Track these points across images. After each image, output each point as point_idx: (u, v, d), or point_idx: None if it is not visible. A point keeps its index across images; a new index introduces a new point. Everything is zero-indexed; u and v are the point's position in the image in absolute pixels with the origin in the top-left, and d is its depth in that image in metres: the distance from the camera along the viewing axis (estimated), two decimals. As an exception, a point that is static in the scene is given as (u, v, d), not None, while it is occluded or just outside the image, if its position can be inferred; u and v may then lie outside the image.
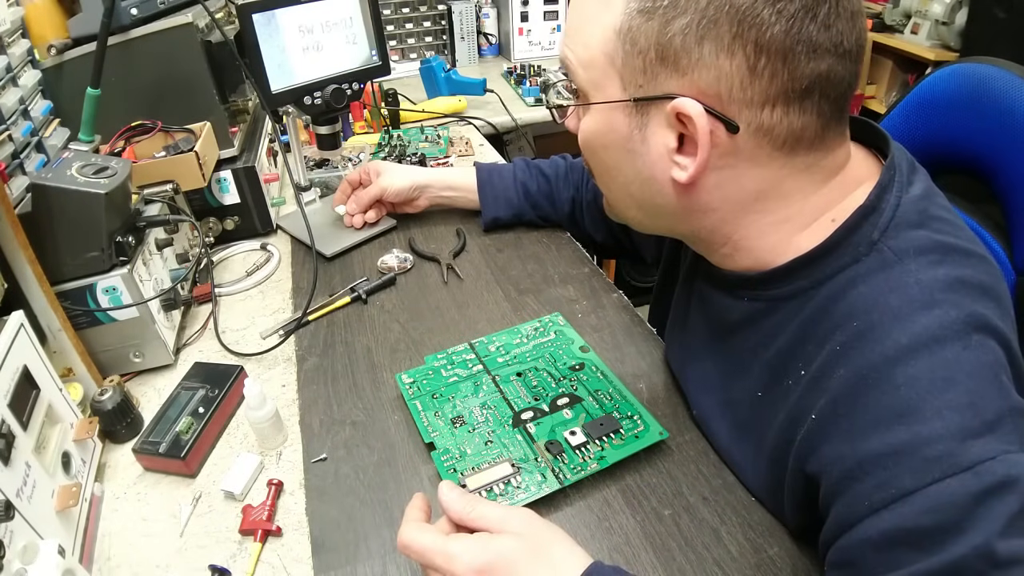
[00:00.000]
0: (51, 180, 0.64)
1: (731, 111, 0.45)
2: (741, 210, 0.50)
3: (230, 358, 0.75)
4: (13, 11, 0.77)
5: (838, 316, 0.46)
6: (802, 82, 0.44)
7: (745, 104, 0.45)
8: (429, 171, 0.99)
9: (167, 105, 0.86)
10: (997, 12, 1.65)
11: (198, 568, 0.53)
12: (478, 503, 0.48)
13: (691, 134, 0.46)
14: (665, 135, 0.48)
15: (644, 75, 0.47)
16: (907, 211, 0.48)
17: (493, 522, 0.46)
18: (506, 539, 0.45)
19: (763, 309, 0.54)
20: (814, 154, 0.48)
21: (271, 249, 0.96)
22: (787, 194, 0.49)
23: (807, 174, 0.49)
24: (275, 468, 0.62)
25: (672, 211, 0.52)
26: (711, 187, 0.49)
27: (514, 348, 0.71)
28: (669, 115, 0.47)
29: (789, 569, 0.50)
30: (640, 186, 0.52)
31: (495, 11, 2.01)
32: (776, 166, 0.48)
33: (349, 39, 0.91)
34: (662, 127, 0.48)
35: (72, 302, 0.66)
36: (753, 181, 0.49)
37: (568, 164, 0.95)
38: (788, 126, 0.45)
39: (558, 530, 0.47)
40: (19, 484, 0.48)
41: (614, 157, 0.53)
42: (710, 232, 0.53)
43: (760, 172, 0.48)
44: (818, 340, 0.47)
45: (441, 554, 0.44)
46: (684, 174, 0.48)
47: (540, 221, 0.97)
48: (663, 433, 0.59)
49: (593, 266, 0.88)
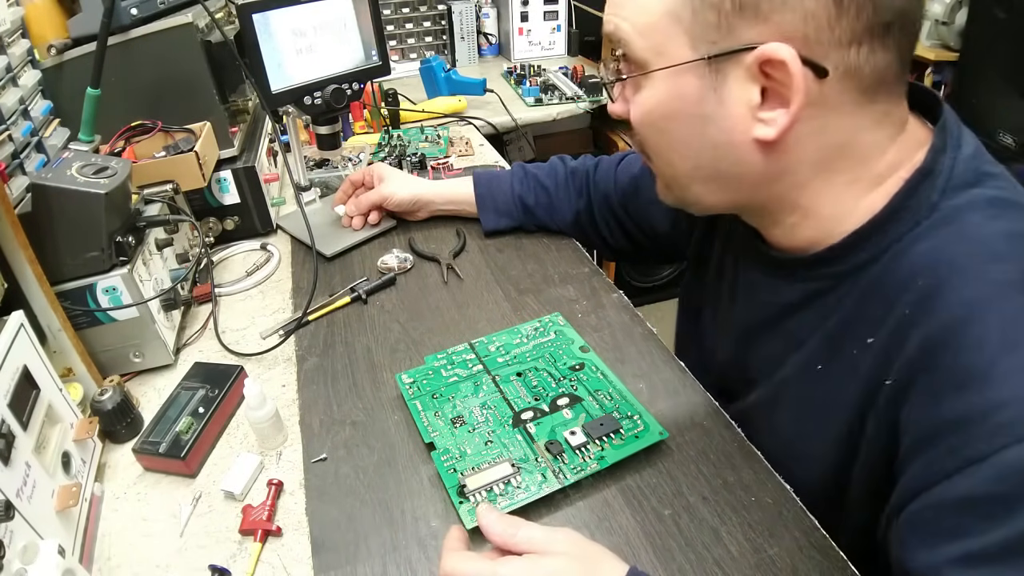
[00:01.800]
0: (51, 180, 0.64)
1: (818, 54, 0.43)
2: (820, 169, 0.49)
3: (230, 358, 0.75)
4: (13, 11, 0.77)
5: (902, 275, 0.46)
6: (885, 15, 0.42)
7: (833, 45, 0.43)
8: (431, 186, 0.98)
9: (167, 105, 0.86)
10: (997, 12, 1.65)
11: (198, 568, 0.53)
12: (521, 525, 0.46)
13: (775, 85, 0.44)
14: (746, 91, 0.45)
15: (719, 29, 0.45)
16: (962, 170, 0.47)
17: (538, 543, 0.45)
18: (557, 559, 0.44)
19: (822, 288, 0.53)
20: (890, 100, 0.47)
21: (271, 249, 0.96)
22: (864, 149, 0.48)
23: (882, 126, 0.48)
24: (275, 468, 0.62)
25: (747, 179, 0.50)
26: (794, 143, 0.47)
27: (514, 348, 0.71)
28: (751, 67, 0.44)
29: (789, 569, 0.50)
30: (713, 155, 0.50)
31: (495, 11, 2.01)
32: (858, 115, 0.46)
33: (349, 39, 0.91)
34: (742, 83, 0.45)
35: (72, 302, 0.66)
36: (836, 133, 0.47)
37: (569, 170, 0.93)
38: (874, 66, 0.44)
39: (600, 546, 0.47)
40: (19, 484, 0.48)
41: (683, 128, 0.50)
42: (780, 200, 0.51)
43: (843, 123, 0.46)
44: (883, 305, 0.47)
45: None
46: (772, 130, 0.46)
47: (539, 230, 0.96)
48: (663, 433, 0.59)
49: (593, 266, 0.88)
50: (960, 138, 0.49)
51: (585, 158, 0.96)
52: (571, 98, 1.68)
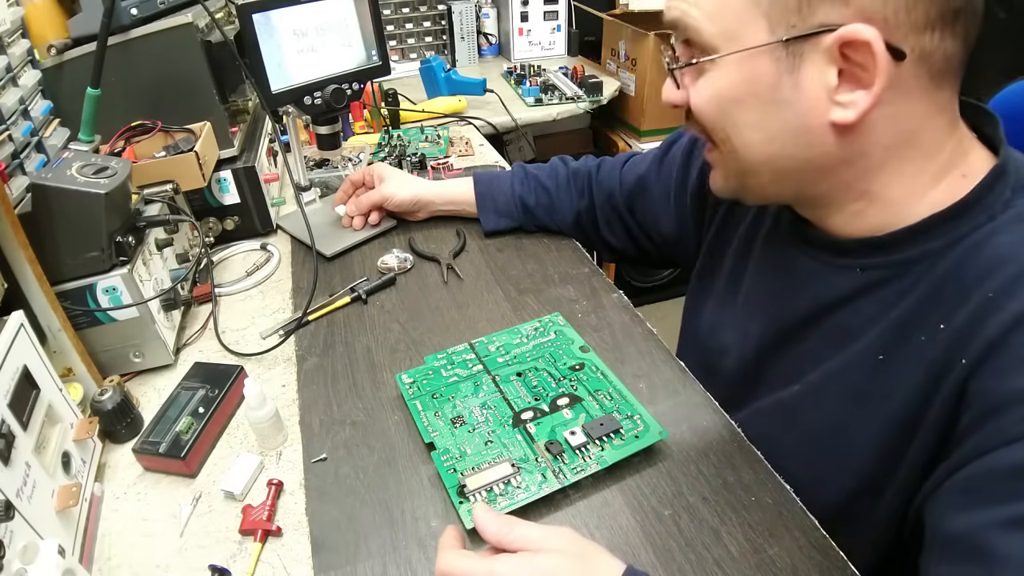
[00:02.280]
0: (51, 180, 0.64)
1: (897, 36, 0.43)
2: (890, 156, 0.49)
3: (230, 358, 0.75)
4: (13, 11, 0.77)
5: (983, 265, 0.46)
6: (956, 2, 0.43)
7: (910, 28, 0.43)
8: (431, 186, 0.97)
9: (167, 105, 0.86)
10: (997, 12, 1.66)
11: (198, 568, 0.53)
12: (516, 524, 0.47)
13: (853, 68, 0.44)
14: (824, 73, 0.45)
15: (799, 12, 0.44)
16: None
17: (533, 542, 0.45)
18: (552, 556, 0.44)
19: (883, 277, 0.52)
20: (953, 89, 0.47)
21: (271, 249, 0.96)
22: (929, 137, 0.48)
23: (944, 115, 0.48)
24: (275, 468, 0.62)
25: (817, 164, 0.50)
26: (869, 127, 0.47)
27: (514, 348, 0.71)
28: (831, 49, 0.44)
29: (789, 569, 0.50)
30: (785, 141, 0.50)
31: (495, 11, 2.01)
32: (926, 101, 0.47)
33: (349, 39, 0.91)
34: (820, 65, 0.45)
35: (72, 302, 0.66)
36: (907, 119, 0.47)
37: (570, 170, 0.93)
38: (944, 52, 0.44)
39: (596, 544, 0.47)
40: (19, 484, 0.48)
41: (754, 113, 0.49)
42: (848, 187, 0.51)
43: (913, 108, 0.47)
44: (960, 292, 0.47)
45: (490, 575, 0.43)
46: (851, 112, 0.46)
47: (539, 230, 0.96)
48: (663, 433, 0.59)
49: (593, 266, 0.88)
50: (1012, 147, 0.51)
51: (587, 159, 0.96)
52: (571, 98, 1.68)
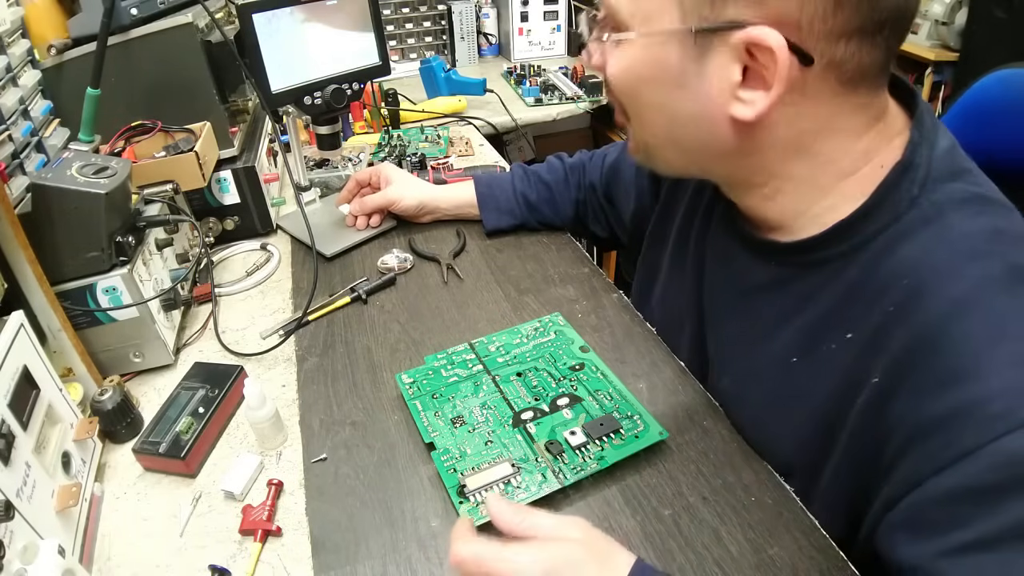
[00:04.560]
0: (51, 180, 0.64)
1: (808, 43, 0.42)
2: (793, 150, 0.49)
3: (230, 358, 0.75)
4: (13, 11, 0.77)
5: (885, 276, 0.46)
6: (881, 14, 0.42)
7: (824, 36, 0.42)
8: (437, 192, 0.97)
9: (167, 105, 0.86)
10: (997, 12, 1.65)
11: (198, 568, 0.53)
12: (529, 513, 0.46)
13: (758, 67, 0.44)
14: (728, 69, 0.45)
15: (711, 5, 0.44)
16: (939, 165, 0.47)
17: (547, 530, 0.45)
18: (568, 544, 0.44)
19: (794, 274, 0.53)
20: (870, 93, 0.47)
21: (271, 249, 0.96)
22: (838, 132, 0.48)
23: (860, 113, 0.47)
24: (275, 468, 0.62)
25: (720, 151, 0.50)
26: (769, 125, 0.47)
27: (514, 348, 0.71)
28: (737, 47, 0.43)
29: (789, 569, 0.50)
30: (687, 125, 0.50)
31: (495, 11, 2.01)
32: (835, 104, 0.46)
33: (349, 39, 0.90)
34: (725, 60, 0.45)
35: (72, 302, 0.66)
36: (811, 119, 0.47)
37: (567, 166, 0.94)
38: (859, 62, 0.44)
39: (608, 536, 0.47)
40: (19, 484, 0.48)
41: (659, 94, 0.49)
42: (753, 173, 0.51)
43: (819, 110, 0.46)
44: (865, 302, 0.47)
45: (503, 560, 0.43)
46: (750, 111, 0.45)
47: (542, 227, 0.96)
48: (663, 433, 0.59)
49: (593, 266, 0.88)
50: (935, 132, 0.49)
51: (581, 153, 0.97)
52: (571, 98, 1.68)
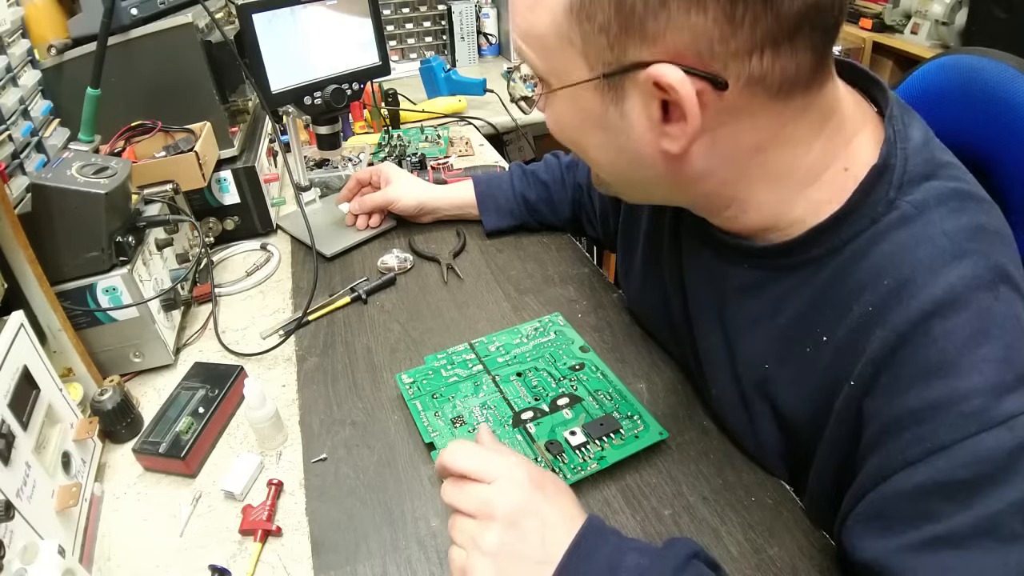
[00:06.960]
0: (51, 180, 0.64)
1: (715, 67, 0.41)
2: (741, 168, 0.48)
3: (230, 358, 0.75)
4: (13, 11, 0.77)
5: (863, 277, 0.45)
6: (789, 20, 0.40)
7: (730, 57, 0.41)
8: (436, 192, 0.97)
9: (167, 105, 0.86)
10: (997, 12, 1.66)
11: (198, 568, 0.53)
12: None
13: (675, 100, 0.43)
14: (647, 106, 0.44)
15: (611, 51, 0.43)
16: (915, 162, 0.46)
17: None
18: None
19: (768, 277, 0.52)
20: (808, 95, 0.45)
21: (271, 249, 0.96)
22: (786, 142, 0.46)
23: (804, 117, 0.46)
24: (275, 468, 0.62)
25: (667, 182, 0.50)
26: (706, 151, 0.46)
27: (514, 348, 0.71)
28: (646, 86, 0.43)
29: (789, 569, 0.50)
30: (627, 163, 0.49)
31: (495, 11, 2.01)
32: (773, 114, 0.45)
33: (349, 39, 0.90)
34: (641, 99, 0.44)
35: (72, 302, 0.66)
36: (750, 135, 0.46)
37: (563, 164, 0.94)
38: (781, 71, 0.42)
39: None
40: (19, 484, 0.48)
41: (592, 138, 0.50)
42: (711, 196, 0.51)
43: (756, 124, 0.45)
44: (840, 304, 0.46)
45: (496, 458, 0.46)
46: (676, 144, 0.45)
47: (541, 227, 0.96)
48: (663, 433, 0.59)
49: (593, 266, 0.88)
50: (908, 126, 0.48)
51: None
52: (571, 98, 1.68)
